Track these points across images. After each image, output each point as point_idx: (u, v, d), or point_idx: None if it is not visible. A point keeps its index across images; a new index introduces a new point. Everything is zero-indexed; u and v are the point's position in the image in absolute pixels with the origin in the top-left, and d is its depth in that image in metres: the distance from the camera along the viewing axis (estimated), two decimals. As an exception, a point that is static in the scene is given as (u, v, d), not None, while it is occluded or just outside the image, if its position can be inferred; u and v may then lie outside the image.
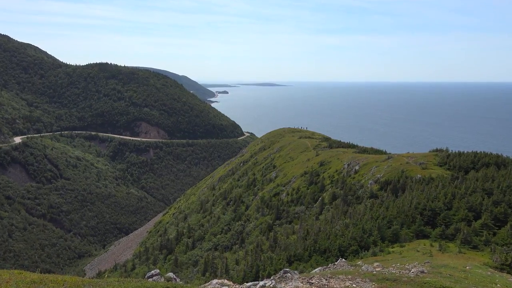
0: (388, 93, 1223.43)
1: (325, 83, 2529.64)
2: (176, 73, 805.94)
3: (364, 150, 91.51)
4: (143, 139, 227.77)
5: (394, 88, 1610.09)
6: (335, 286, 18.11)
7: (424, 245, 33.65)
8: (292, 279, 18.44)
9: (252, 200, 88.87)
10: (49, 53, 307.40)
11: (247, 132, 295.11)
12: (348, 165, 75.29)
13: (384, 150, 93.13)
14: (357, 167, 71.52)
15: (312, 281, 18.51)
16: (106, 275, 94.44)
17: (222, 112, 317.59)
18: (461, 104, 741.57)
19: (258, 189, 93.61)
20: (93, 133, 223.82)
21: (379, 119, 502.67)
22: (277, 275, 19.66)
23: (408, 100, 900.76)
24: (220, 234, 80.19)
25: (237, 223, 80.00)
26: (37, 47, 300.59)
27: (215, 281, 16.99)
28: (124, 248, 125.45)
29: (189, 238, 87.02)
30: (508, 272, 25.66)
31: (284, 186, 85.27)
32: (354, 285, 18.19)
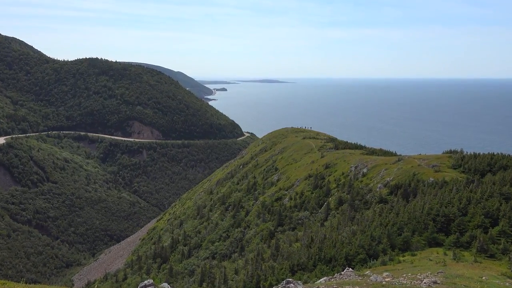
0: (398, 90, 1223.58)
1: (331, 79, 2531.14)
2: (171, 69, 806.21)
3: (373, 152, 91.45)
4: (135, 140, 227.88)
5: (404, 85, 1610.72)
6: (341, 298, 18.06)
7: (437, 253, 33.59)
8: (295, 290, 18.41)
9: (253, 205, 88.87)
10: (35, 47, 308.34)
11: (247, 132, 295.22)
12: (356, 167, 75.27)
13: (394, 152, 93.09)
14: (365, 170, 71.49)
15: (317, 293, 18.46)
16: (96, 286, 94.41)
17: (221, 111, 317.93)
18: (477, 102, 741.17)
19: (259, 193, 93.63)
20: (82, 133, 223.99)
21: (388, 118, 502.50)
22: (279, 285, 19.66)
23: (419, 97, 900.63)
24: (218, 242, 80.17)
25: (236, 229, 80.00)
26: (22, 41, 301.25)
27: (212, 292, 16.91)
28: (115, 257, 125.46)
29: (185, 246, 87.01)
30: (527, 283, 25.54)
31: (286, 190, 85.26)
32: (362, 297, 18.14)
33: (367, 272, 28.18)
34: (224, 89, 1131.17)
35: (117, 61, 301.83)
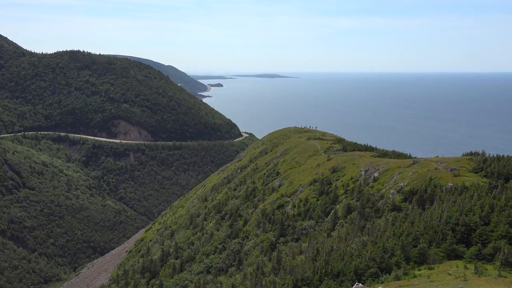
0: (412, 86, 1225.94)
1: (338, 73, 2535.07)
2: (161, 62, 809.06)
3: (385, 154, 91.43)
4: (121, 141, 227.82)
5: (419, 80, 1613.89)
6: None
7: (457, 267, 33.51)
8: (299, 308, 18.30)
9: (252, 213, 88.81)
10: (10, 39, 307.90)
11: (246, 133, 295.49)
12: (366, 171, 75.23)
13: (408, 154, 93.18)
14: (376, 174, 71.45)
15: (323, 311, 18.36)
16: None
17: (216, 109, 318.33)
18: (500, 98, 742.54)
19: (259, 201, 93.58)
20: (62, 134, 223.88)
21: (402, 116, 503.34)
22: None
23: (436, 93, 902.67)
24: (213, 254, 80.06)
25: (233, 241, 79.88)
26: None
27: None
28: (99, 271, 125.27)
29: (176, 259, 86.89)
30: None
31: (289, 197, 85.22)
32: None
33: (379, 287, 28.10)
34: (219, 85, 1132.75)
35: (101, 54, 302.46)
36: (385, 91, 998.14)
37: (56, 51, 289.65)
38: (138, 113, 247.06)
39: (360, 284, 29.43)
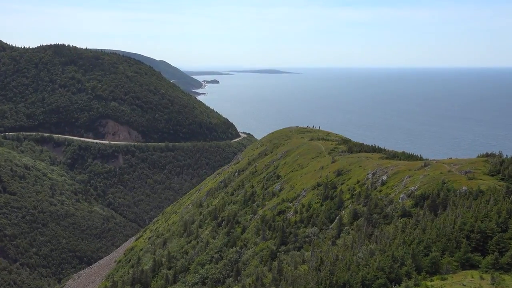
0: (423, 82, 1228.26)
1: (344, 69, 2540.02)
2: (153, 57, 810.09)
3: (394, 155, 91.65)
4: (110, 142, 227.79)
5: (431, 76, 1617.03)
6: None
7: (472, 277, 33.53)
8: (302, 323, 18.27)
9: (250, 220, 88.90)
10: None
11: (244, 133, 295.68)
12: (373, 174, 75.34)
13: (419, 155, 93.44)
14: (384, 177, 71.55)
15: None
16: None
17: (212, 107, 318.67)
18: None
19: (258, 206, 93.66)
20: (46, 134, 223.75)
21: (413, 115, 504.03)
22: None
23: (450, 90, 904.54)
24: (209, 264, 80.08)
25: (231, 249, 79.94)
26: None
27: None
28: (86, 283, 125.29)
29: (169, 270, 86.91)
30: None
31: (291, 202, 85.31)
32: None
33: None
34: (215, 81, 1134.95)
35: (87, 48, 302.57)
36: (394, 88, 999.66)
37: (39, 45, 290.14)
38: (128, 112, 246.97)
39: (368, 296, 29.39)
